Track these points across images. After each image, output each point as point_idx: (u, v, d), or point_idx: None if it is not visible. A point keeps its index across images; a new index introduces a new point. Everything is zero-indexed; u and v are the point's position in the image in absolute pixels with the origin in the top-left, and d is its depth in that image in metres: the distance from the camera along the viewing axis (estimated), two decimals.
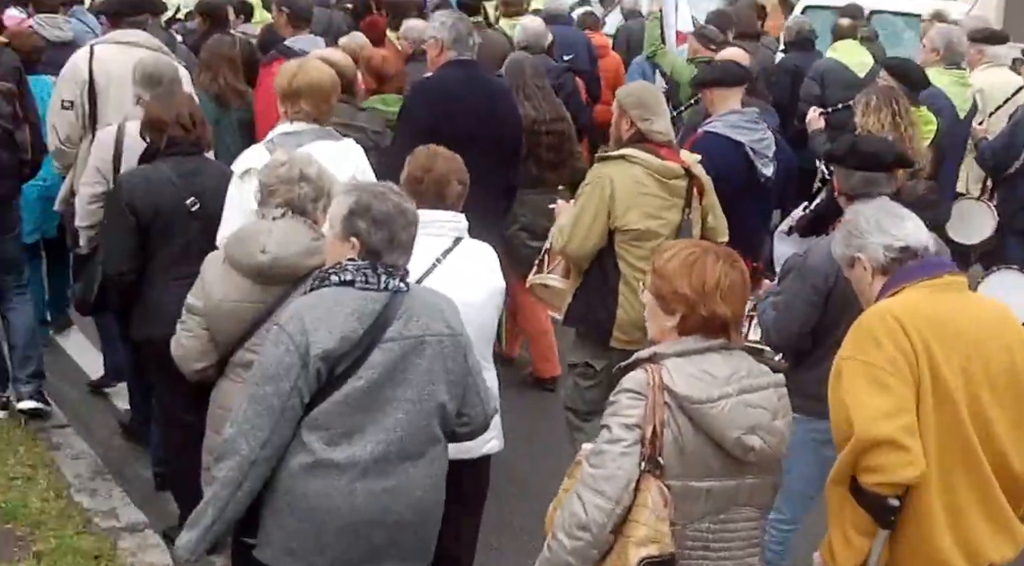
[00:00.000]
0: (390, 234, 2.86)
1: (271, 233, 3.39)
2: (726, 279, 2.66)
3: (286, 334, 2.79)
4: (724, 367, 2.65)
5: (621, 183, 4.36)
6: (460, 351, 2.99)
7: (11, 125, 5.10)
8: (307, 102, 4.23)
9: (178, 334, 3.59)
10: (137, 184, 4.20)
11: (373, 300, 2.84)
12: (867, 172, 3.74)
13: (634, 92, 4.65)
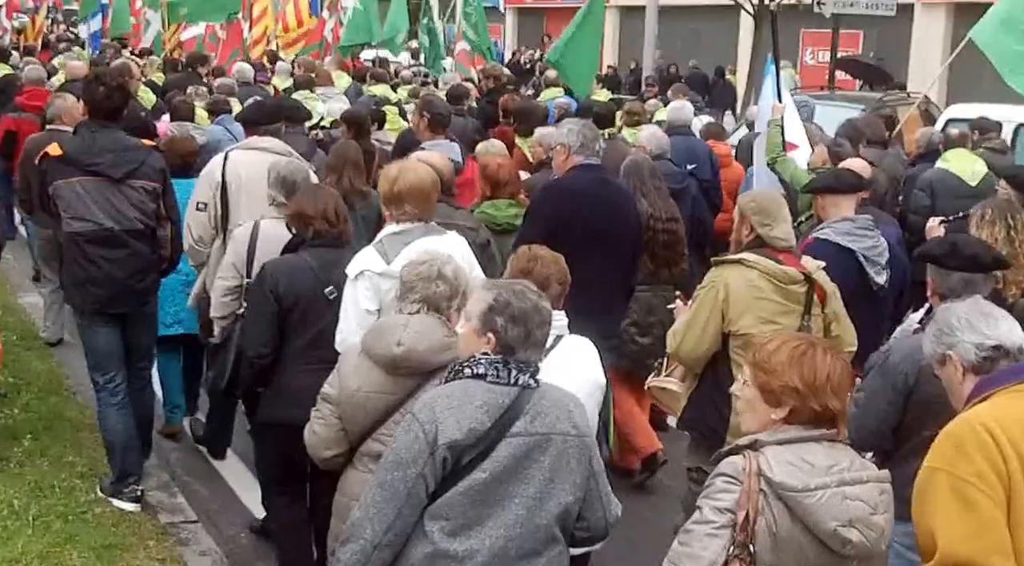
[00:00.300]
0: (526, 331, 2.96)
1: (407, 327, 3.53)
2: (836, 372, 2.69)
3: (417, 422, 2.90)
4: (824, 458, 2.67)
5: (736, 287, 4.33)
6: (585, 453, 3.02)
7: (154, 222, 5.39)
8: (410, 203, 4.40)
9: (312, 422, 3.71)
10: (281, 272, 4.44)
11: (502, 394, 2.92)
12: (966, 273, 3.71)
13: (755, 198, 4.67)
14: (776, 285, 4.33)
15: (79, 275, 5.32)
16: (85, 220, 5.23)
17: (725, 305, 4.32)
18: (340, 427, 3.61)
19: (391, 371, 3.53)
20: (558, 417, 2.98)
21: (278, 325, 4.39)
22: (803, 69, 24.26)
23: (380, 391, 3.54)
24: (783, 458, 2.64)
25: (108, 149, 5.25)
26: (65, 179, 5.20)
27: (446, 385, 3.02)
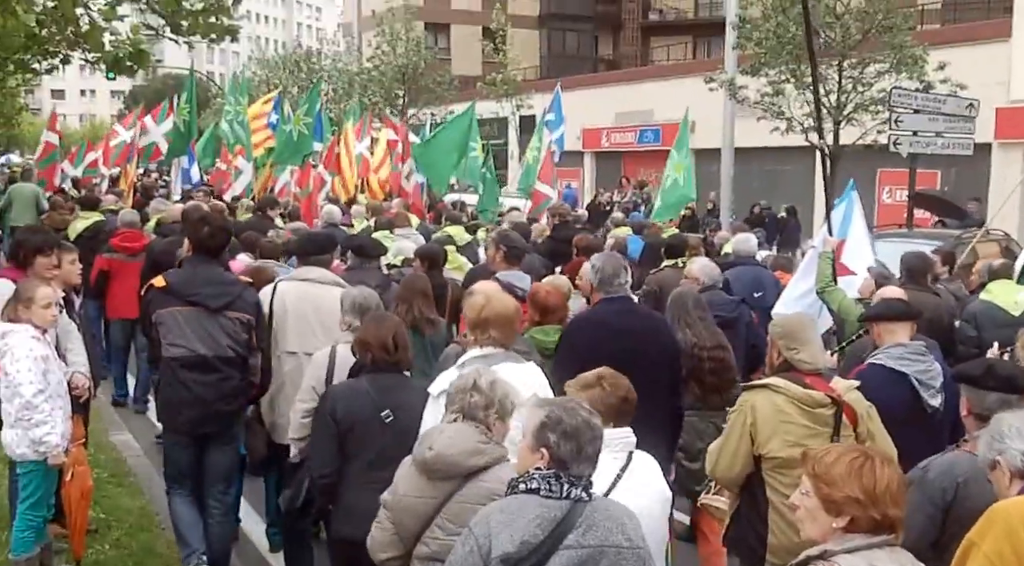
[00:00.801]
0: (578, 447, 3.10)
1: (441, 433, 3.79)
2: (894, 482, 2.86)
3: (472, 536, 3.05)
4: (890, 562, 2.81)
5: (763, 411, 4.51)
6: (639, 563, 3.11)
7: (245, 351, 5.75)
8: (495, 329, 4.73)
9: (373, 526, 3.93)
10: (339, 396, 4.72)
11: (555, 508, 3.04)
12: (1003, 393, 3.89)
13: (782, 322, 4.89)
14: (802, 409, 4.47)
15: (172, 397, 5.70)
16: (181, 346, 5.62)
17: (753, 429, 4.50)
18: (394, 531, 3.81)
19: (428, 475, 3.73)
20: (611, 530, 3.07)
21: (339, 447, 4.61)
22: (880, 208, 24.33)
23: (419, 495, 3.74)
24: (855, 565, 2.75)
25: (208, 282, 5.70)
26: (167, 308, 5.63)
27: (502, 500, 3.17)
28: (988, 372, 3.99)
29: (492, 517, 3.06)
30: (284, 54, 46.79)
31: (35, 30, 6.46)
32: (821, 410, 4.49)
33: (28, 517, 5.46)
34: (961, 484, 3.70)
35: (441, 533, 3.68)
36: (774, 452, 4.44)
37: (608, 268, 5.86)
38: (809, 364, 4.58)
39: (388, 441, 4.52)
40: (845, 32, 19.11)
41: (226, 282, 5.84)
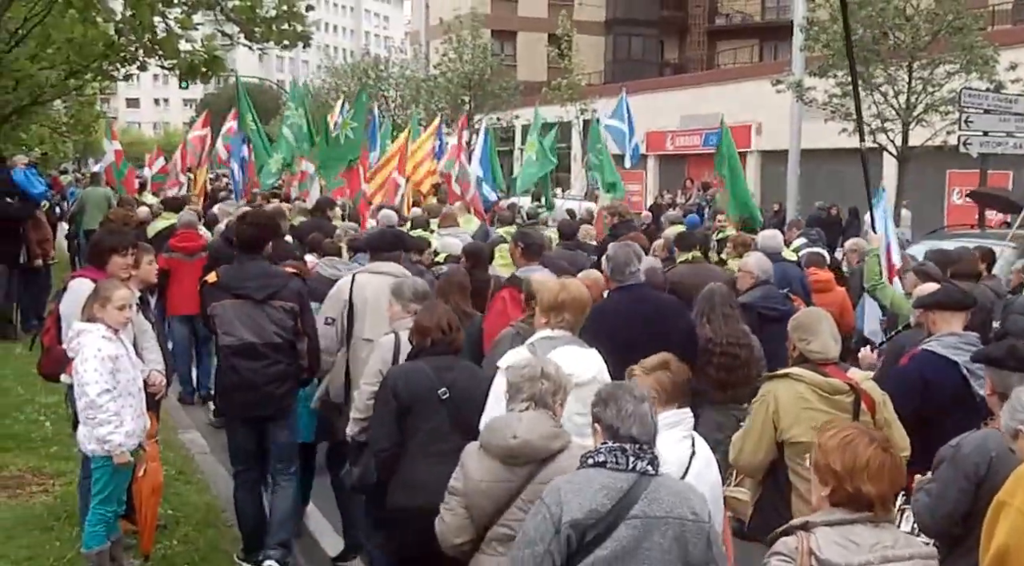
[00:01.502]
0: (617, 409, 3.38)
1: (520, 421, 3.98)
2: (876, 460, 3.01)
3: (544, 505, 3.30)
4: (869, 537, 2.98)
5: (785, 399, 4.69)
6: (703, 538, 3.30)
7: (292, 337, 6.16)
8: (569, 312, 5.04)
9: (442, 513, 4.10)
10: (400, 376, 5.03)
11: (621, 479, 3.28)
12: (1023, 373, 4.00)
13: (797, 317, 5.10)
14: (822, 395, 4.67)
15: (226, 383, 6.19)
16: (231, 335, 6.06)
17: (776, 416, 4.68)
18: (467, 516, 3.98)
19: (509, 461, 3.92)
20: (675, 503, 3.29)
21: (399, 423, 4.88)
22: (950, 209, 23.92)
23: (500, 480, 3.93)
24: (831, 538, 2.97)
25: (254, 276, 6.15)
26: (219, 301, 6.09)
27: (572, 473, 3.41)
28: (1010, 353, 4.15)
29: (562, 488, 3.30)
30: (352, 62, 47.46)
31: (113, 38, 6.70)
32: (840, 397, 4.67)
33: (100, 512, 5.55)
34: (994, 459, 3.80)
35: (522, 514, 3.79)
36: (797, 437, 4.59)
37: (620, 257, 6.16)
38: (820, 354, 4.77)
39: (443, 416, 4.83)
40: (915, 33, 18.87)
41: (270, 274, 6.27)
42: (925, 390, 4.96)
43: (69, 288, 6.15)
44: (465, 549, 4.02)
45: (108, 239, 6.34)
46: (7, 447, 7.85)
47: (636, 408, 3.38)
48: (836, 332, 4.94)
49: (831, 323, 4.95)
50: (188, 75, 7.04)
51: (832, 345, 4.84)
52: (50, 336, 6.17)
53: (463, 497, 3.99)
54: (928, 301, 5.70)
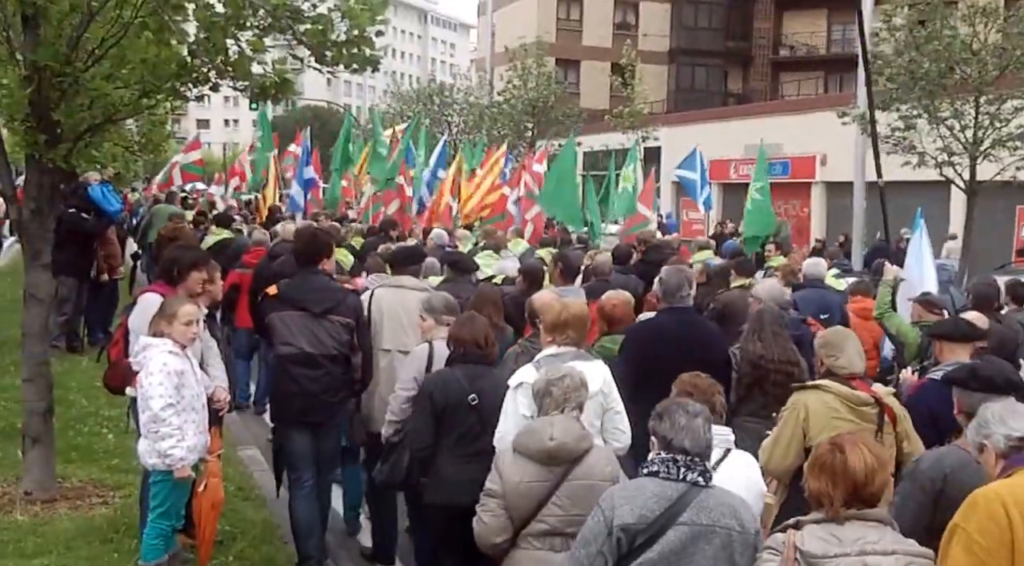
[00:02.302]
0: (671, 421, 3.61)
1: (554, 426, 4.35)
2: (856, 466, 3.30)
3: (600, 510, 3.56)
4: (853, 533, 3.25)
5: (815, 408, 5.04)
6: (748, 548, 3.51)
7: (347, 350, 6.42)
8: (572, 329, 5.41)
9: (480, 515, 4.41)
10: (436, 382, 5.47)
11: (672, 488, 3.52)
12: (985, 394, 4.23)
13: (824, 335, 5.49)
14: (850, 406, 5.03)
15: (283, 389, 6.44)
16: (291, 345, 6.31)
17: (806, 424, 5.03)
18: (506, 516, 4.30)
19: (547, 462, 4.27)
20: (723, 513, 3.50)
21: (435, 424, 5.30)
22: (1019, 243, 23.52)
23: (537, 480, 4.28)
24: (816, 534, 3.29)
25: (313, 290, 6.42)
26: (278, 313, 6.36)
27: (627, 481, 3.77)
28: (971, 375, 4.48)
29: (616, 494, 3.59)
30: (418, 88, 47.99)
31: (187, 60, 6.81)
32: (866, 408, 5.03)
33: (158, 525, 5.61)
34: (949, 474, 4.11)
35: (559, 510, 4.20)
36: None
37: (673, 281, 6.51)
38: (846, 369, 5.14)
39: (473, 420, 5.27)
40: (982, 68, 18.63)
41: (329, 289, 6.54)
42: (933, 419, 5.13)
43: (139, 302, 6.24)
44: (504, 547, 4.32)
45: (187, 255, 6.42)
46: (70, 458, 7.98)
47: (689, 422, 3.60)
48: (861, 350, 5.27)
49: (856, 341, 5.28)
50: (259, 97, 7.13)
51: (857, 361, 5.19)
52: (118, 349, 6.27)
53: (502, 499, 4.29)
54: (937, 331, 6.08)
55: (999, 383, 4.37)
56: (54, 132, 6.76)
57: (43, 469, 7.15)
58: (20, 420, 7.47)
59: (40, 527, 6.62)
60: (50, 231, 7.40)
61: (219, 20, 6.56)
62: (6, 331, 11.92)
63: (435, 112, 43.16)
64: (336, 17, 6.68)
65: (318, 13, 6.65)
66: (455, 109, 43.53)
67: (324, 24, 6.60)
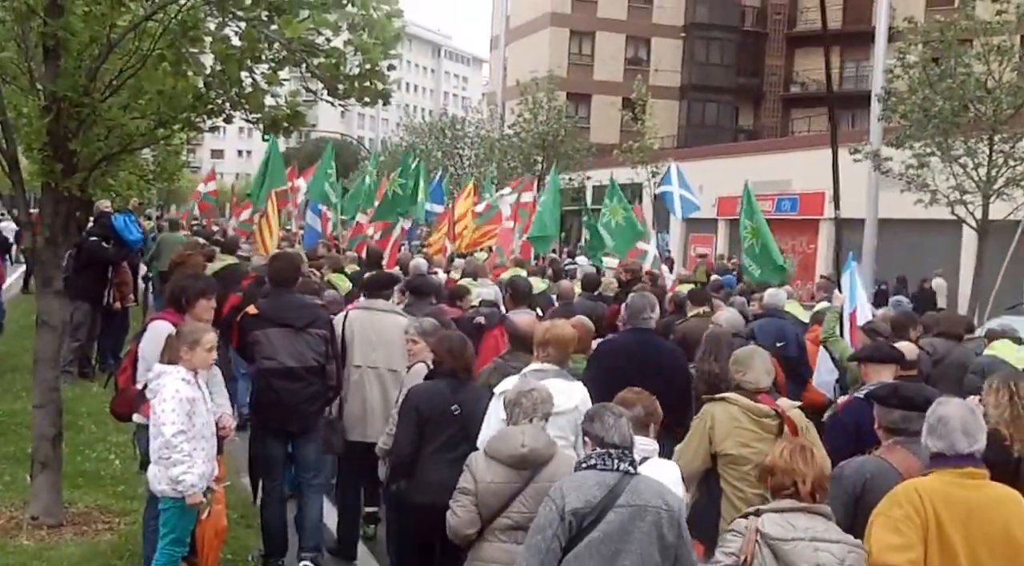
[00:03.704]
0: (601, 423, 4.28)
1: (525, 433, 4.88)
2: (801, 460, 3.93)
3: (551, 499, 4.15)
4: (804, 522, 3.86)
5: (720, 418, 5.53)
6: (674, 523, 4.15)
7: (324, 361, 6.89)
8: (553, 348, 5.92)
9: (453, 509, 4.89)
10: (422, 394, 5.89)
11: (609, 477, 4.14)
12: (905, 411, 4.81)
13: (736, 353, 5.92)
14: (752, 417, 5.50)
15: (264, 401, 6.83)
16: (273, 360, 6.73)
17: (712, 432, 5.51)
18: (477, 512, 4.81)
19: (517, 465, 4.81)
20: (652, 495, 4.15)
21: (418, 432, 5.70)
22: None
23: (508, 481, 4.81)
24: (774, 521, 3.85)
25: (293, 307, 6.94)
26: (262, 329, 6.76)
27: (571, 475, 4.28)
28: (893, 393, 4.97)
29: (565, 485, 4.18)
30: (430, 121, 48.32)
31: (202, 91, 6.91)
32: (767, 420, 5.49)
33: (169, 552, 5.65)
34: (869, 480, 4.61)
35: (524, 508, 4.73)
36: (727, 450, 5.44)
37: (637, 304, 7.24)
38: (752, 383, 5.60)
39: (456, 429, 5.70)
40: (996, 106, 18.63)
41: (306, 305, 7.13)
42: (857, 433, 5.51)
43: (148, 329, 6.31)
44: (472, 538, 4.84)
45: (195, 284, 6.51)
46: (77, 484, 8.02)
47: (616, 422, 4.28)
48: (770, 367, 5.74)
49: (764, 359, 5.74)
50: (271, 128, 7.23)
51: (764, 377, 5.65)
52: (125, 376, 6.33)
53: (474, 496, 4.80)
54: (861, 355, 6.67)
55: (918, 402, 4.76)
56: (70, 161, 6.86)
57: (50, 494, 7.18)
58: (30, 445, 7.51)
59: (46, 552, 6.65)
60: (63, 259, 7.47)
61: (235, 53, 6.68)
62: (18, 357, 12.00)
63: (446, 145, 43.43)
64: (349, 51, 6.79)
65: (332, 47, 6.75)
66: (466, 142, 43.80)
67: (337, 58, 6.71)
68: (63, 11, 6.51)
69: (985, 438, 4.08)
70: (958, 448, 3.99)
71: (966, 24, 19.64)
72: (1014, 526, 3.90)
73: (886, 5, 23.06)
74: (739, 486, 5.37)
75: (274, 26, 6.49)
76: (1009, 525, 3.90)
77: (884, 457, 4.76)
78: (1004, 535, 3.89)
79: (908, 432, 4.77)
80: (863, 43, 40.83)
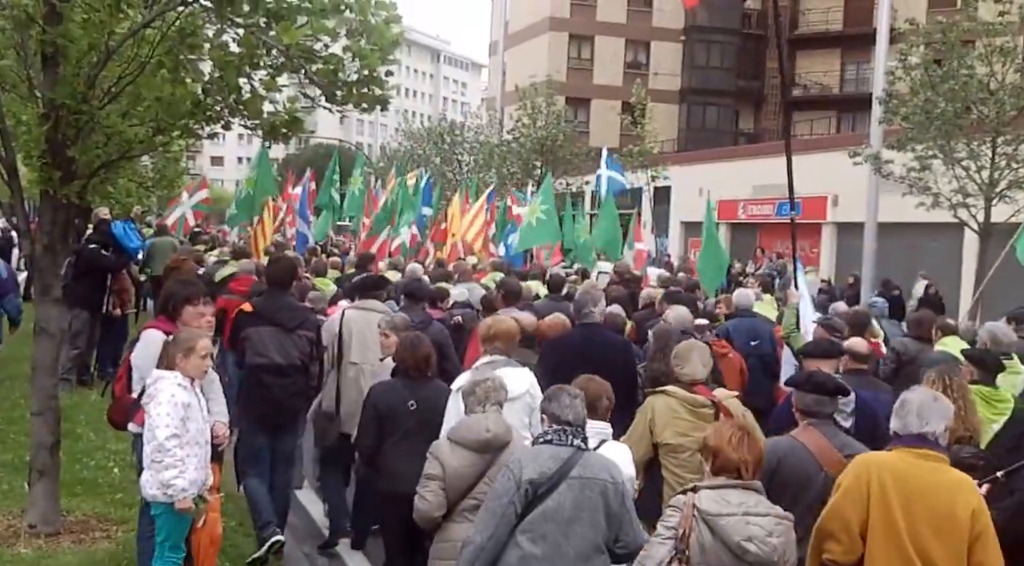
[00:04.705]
0: (559, 403, 4.71)
1: (487, 419, 5.26)
2: (735, 439, 4.29)
3: (509, 469, 4.55)
4: (737, 497, 4.19)
5: (660, 409, 5.97)
6: (619, 494, 4.58)
7: (308, 360, 7.33)
8: (500, 342, 6.52)
9: (421, 494, 5.17)
10: (381, 391, 6.38)
11: (563, 451, 4.57)
12: (817, 395, 5.29)
13: (676, 348, 6.33)
14: (689, 408, 5.94)
15: (252, 395, 7.18)
16: (263, 356, 7.12)
17: (652, 423, 5.94)
18: (444, 496, 5.12)
19: (482, 450, 5.15)
20: (600, 469, 4.58)
21: (378, 426, 6.19)
22: None
23: (472, 464, 5.14)
24: (710, 496, 4.21)
25: (285, 308, 7.37)
26: (255, 327, 7.14)
27: (528, 448, 4.78)
28: (807, 380, 5.45)
29: (521, 458, 4.59)
30: (429, 126, 48.34)
31: (200, 98, 6.89)
32: (703, 409, 5.92)
33: (168, 558, 5.63)
34: (782, 458, 5.05)
35: (487, 488, 4.95)
36: (667, 440, 5.87)
37: (581, 300, 7.90)
38: (688, 376, 6.05)
39: (412, 423, 6.14)
40: (999, 108, 18.57)
41: (297, 307, 7.64)
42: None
43: (141, 339, 6.29)
44: (439, 521, 5.15)
45: (181, 290, 6.49)
46: (75, 492, 7.99)
47: (571, 402, 4.71)
48: (707, 360, 6.18)
49: (702, 353, 6.18)
50: (270, 135, 7.23)
51: (700, 369, 6.09)
52: (121, 385, 6.31)
53: (442, 481, 5.11)
54: (803, 350, 7.32)
55: (829, 387, 5.35)
56: (69, 169, 6.84)
57: (48, 502, 7.15)
58: (28, 453, 7.49)
59: (43, 560, 6.63)
60: (61, 266, 7.45)
61: (233, 59, 6.67)
62: (16, 364, 11.97)
63: (445, 151, 43.45)
64: (347, 57, 6.77)
65: (330, 53, 6.73)
66: (465, 148, 43.82)
67: (335, 64, 6.69)
68: (62, 19, 6.49)
69: (943, 424, 4.39)
70: (910, 428, 4.38)
71: (968, 25, 19.59)
72: (958, 509, 4.22)
73: (887, 6, 23.02)
74: (679, 472, 5.76)
75: (272, 32, 6.47)
76: (955, 507, 4.22)
77: (796, 437, 5.24)
78: (948, 516, 4.21)
79: (820, 414, 5.27)
80: (864, 45, 40.83)
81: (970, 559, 4.21)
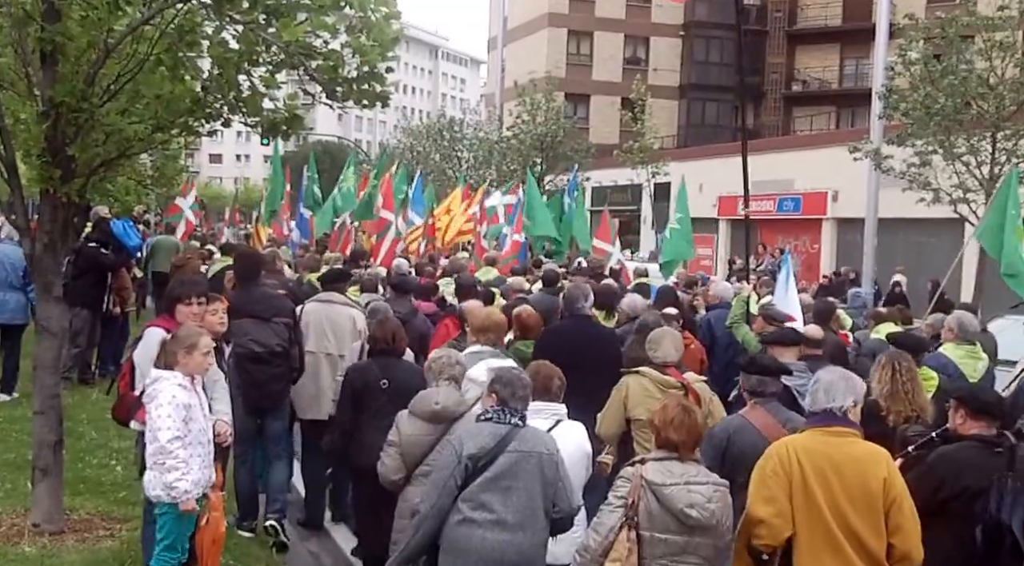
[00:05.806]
0: (511, 391, 5.10)
1: (439, 393, 5.70)
2: (678, 418, 4.75)
3: (451, 444, 5.01)
4: (680, 468, 4.68)
5: (633, 388, 6.53)
6: (553, 464, 4.99)
7: (287, 345, 7.68)
8: (492, 333, 7.14)
9: (382, 459, 5.66)
10: (355, 371, 6.91)
11: (501, 428, 4.97)
12: (760, 376, 5.76)
13: (650, 334, 6.86)
14: (661, 388, 6.43)
15: (238, 381, 7.26)
16: (244, 346, 7.38)
17: (626, 400, 6.50)
18: (401, 460, 5.58)
19: (432, 420, 5.58)
20: (536, 443, 5.00)
21: (354, 403, 6.72)
22: None
23: (424, 434, 5.58)
24: (655, 468, 4.69)
25: (259, 299, 7.77)
26: (233, 320, 7.19)
27: (469, 424, 5.17)
28: (751, 363, 5.95)
29: (463, 432, 5.06)
30: (428, 123, 48.28)
31: (200, 96, 6.88)
32: (673, 389, 6.34)
33: (164, 558, 5.61)
34: (732, 434, 5.55)
35: (440, 455, 5.23)
36: (638, 416, 6.32)
37: (572, 294, 8.39)
38: (661, 358, 6.60)
39: (384, 400, 6.54)
40: (999, 103, 18.57)
41: (271, 296, 8.00)
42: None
43: (143, 337, 6.29)
44: (400, 483, 5.59)
45: (175, 289, 6.55)
46: (78, 490, 7.98)
47: (523, 394, 5.12)
48: (679, 345, 6.75)
49: (674, 339, 6.75)
50: (269, 132, 7.21)
51: (672, 353, 6.64)
52: (125, 382, 6.30)
53: (399, 447, 5.58)
54: (768, 338, 7.88)
55: (772, 369, 5.87)
56: (69, 167, 6.82)
57: (51, 501, 7.14)
58: (31, 452, 7.48)
59: (47, 559, 6.62)
60: (62, 265, 7.44)
61: (232, 56, 6.65)
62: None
63: (444, 147, 43.40)
64: (347, 54, 6.75)
65: (330, 50, 6.72)
66: (464, 144, 43.77)
67: (335, 60, 6.67)
68: (60, 16, 6.48)
69: (850, 399, 4.70)
70: (820, 404, 4.71)
71: (968, 20, 19.60)
72: (870, 480, 4.50)
73: (887, 2, 23.04)
74: (649, 447, 5.81)
75: (272, 29, 6.45)
76: (867, 478, 4.50)
77: (745, 416, 5.70)
78: (862, 487, 4.49)
79: (764, 394, 5.74)
80: (864, 40, 40.80)
81: (888, 525, 4.47)
